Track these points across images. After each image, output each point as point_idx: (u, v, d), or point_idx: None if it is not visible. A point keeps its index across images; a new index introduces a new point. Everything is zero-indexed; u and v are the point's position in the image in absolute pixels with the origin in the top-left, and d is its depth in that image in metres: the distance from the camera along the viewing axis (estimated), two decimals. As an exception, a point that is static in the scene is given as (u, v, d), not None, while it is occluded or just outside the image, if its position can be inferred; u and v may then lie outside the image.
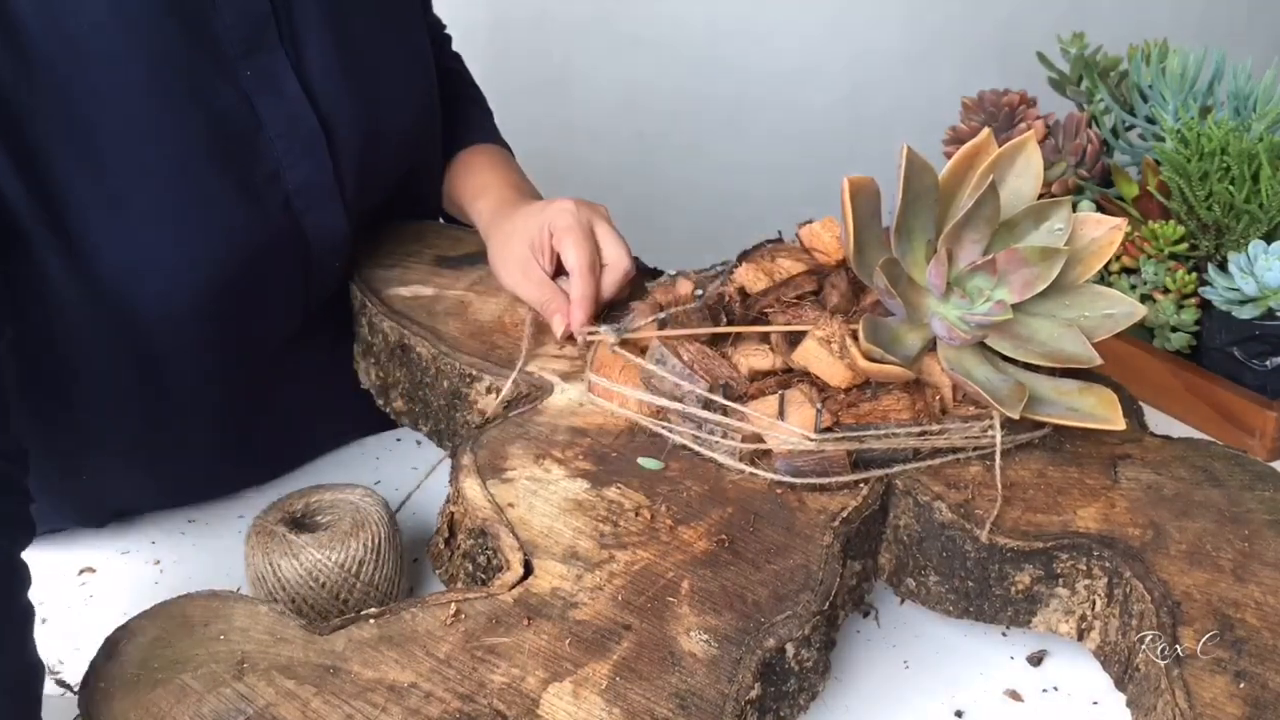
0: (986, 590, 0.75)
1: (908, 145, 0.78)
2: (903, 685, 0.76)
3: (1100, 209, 1.06)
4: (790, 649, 0.67)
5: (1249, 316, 0.97)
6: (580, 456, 0.80)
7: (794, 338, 0.81)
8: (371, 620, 0.68)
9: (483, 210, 1.01)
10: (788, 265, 0.88)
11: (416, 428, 0.94)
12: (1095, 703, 0.75)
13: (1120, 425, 0.78)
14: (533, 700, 0.63)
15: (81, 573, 0.86)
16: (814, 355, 0.79)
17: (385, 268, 0.99)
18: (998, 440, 0.78)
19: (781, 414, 0.77)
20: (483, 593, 0.69)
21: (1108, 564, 0.73)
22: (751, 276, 0.88)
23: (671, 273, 0.94)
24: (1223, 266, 1.00)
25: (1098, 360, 0.79)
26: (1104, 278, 1.04)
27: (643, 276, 0.97)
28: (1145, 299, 1.04)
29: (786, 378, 0.81)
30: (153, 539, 0.89)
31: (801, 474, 0.76)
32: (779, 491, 0.77)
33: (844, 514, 0.75)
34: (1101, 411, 0.79)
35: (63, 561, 0.87)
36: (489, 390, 0.87)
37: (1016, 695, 0.76)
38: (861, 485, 0.77)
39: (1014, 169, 0.82)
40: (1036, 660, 0.78)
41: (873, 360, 0.77)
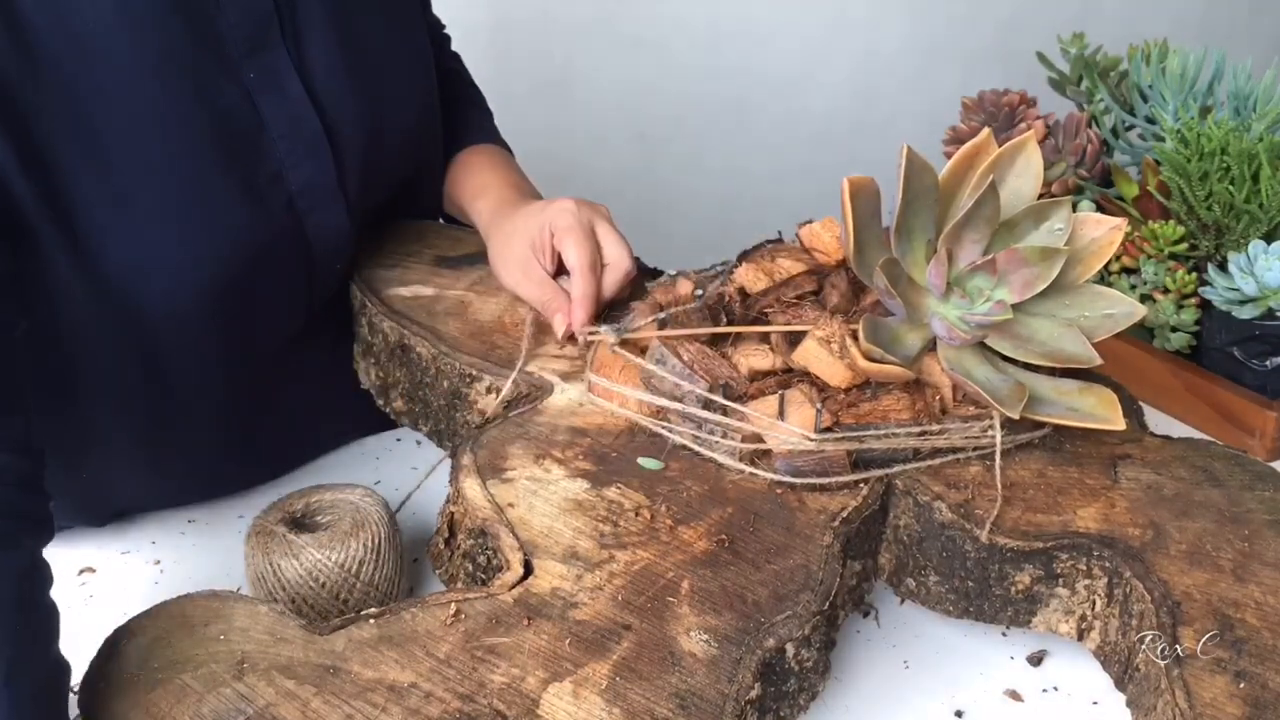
0: (986, 590, 0.75)
1: (908, 145, 0.78)
2: (903, 685, 0.76)
3: (1100, 209, 1.06)
4: (790, 649, 0.67)
5: (1249, 316, 0.97)
6: (580, 456, 0.80)
7: (794, 338, 0.81)
8: (371, 620, 0.68)
9: (483, 210, 1.01)
10: (788, 265, 0.88)
11: (416, 428, 0.94)
12: (1095, 703, 0.75)
13: (1120, 425, 0.78)
14: (533, 700, 0.63)
15: (81, 573, 0.86)
16: (814, 355, 0.79)
17: (385, 268, 0.99)
18: (998, 440, 0.78)
19: (781, 414, 0.77)
20: (483, 593, 0.69)
21: (1108, 564, 0.73)
22: (751, 276, 0.88)
23: (671, 273, 0.94)
24: (1223, 266, 1.00)
25: (1098, 360, 0.79)
26: (1104, 278, 1.04)
27: (643, 276, 0.97)
28: (1145, 299, 1.04)
29: (786, 378, 0.81)
30: (153, 539, 0.89)
31: (801, 474, 0.76)
32: (779, 491, 0.77)
33: (844, 514, 0.75)
34: (1101, 411, 0.79)
35: (63, 561, 0.86)
36: (489, 390, 0.87)
37: (1016, 695, 0.76)
38: (861, 485, 0.77)
39: (1014, 169, 0.82)
40: (1036, 660, 0.78)
41: (873, 360, 0.77)
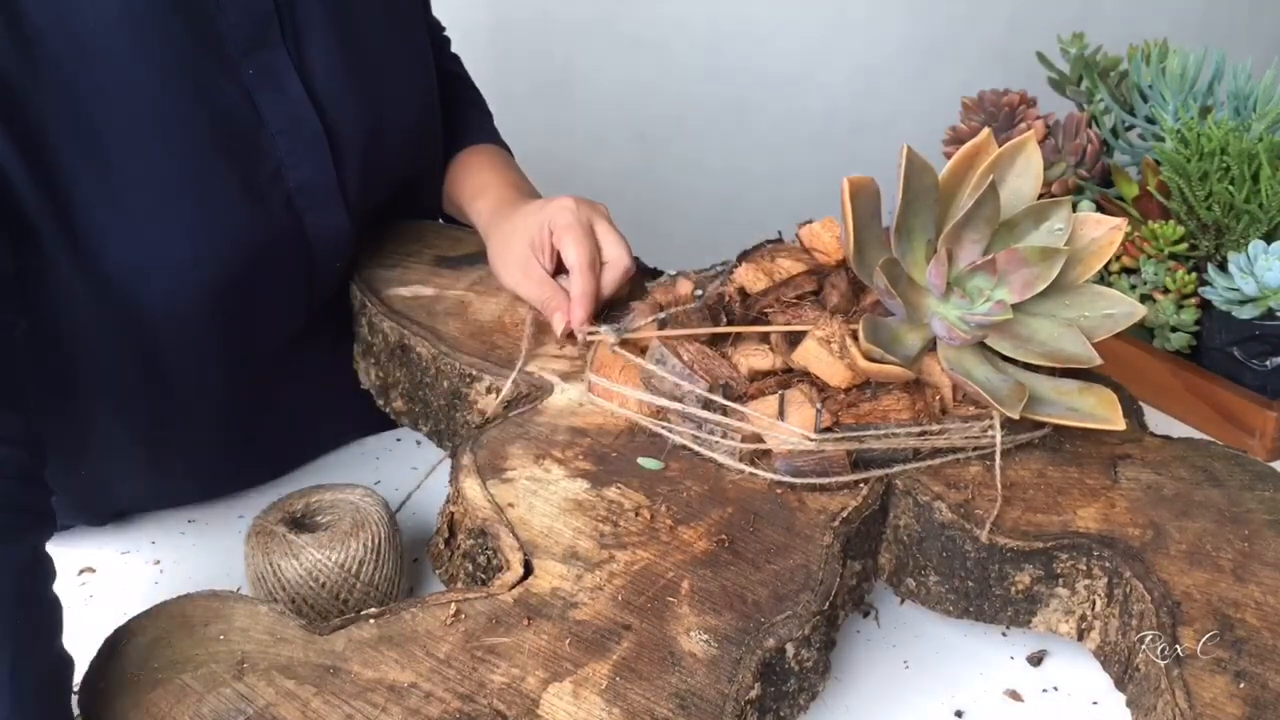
0: (986, 590, 0.75)
1: (908, 145, 0.78)
2: (903, 685, 0.76)
3: (1100, 209, 1.06)
4: (790, 649, 0.67)
5: (1249, 316, 0.97)
6: (580, 456, 0.80)
7: (794, 338, 0.81)
8: (371, 620, 0.68)
9: (482, 210, 1.01)
10: (788, 265, 0.88)
11: (416, 428, 0.94)
12: (1095, 703, 0.75)
13: (1120, 425, 0.78)
14: (533, 700, 0.63)
15: (81, 573, 0.86)
16: (814, 355, 0.79)
17: (385, 268, 0.99)
18: (998, 440, 0.78)
19: (781, 414, 0.77)
20: (483, 593, 0.69)
21: (1108, 564, 0.73)
22: (751, 276, 0.88)
23: (671, 273, 0.94)
24: (1222, 266, 1.00)
25: (1097, 360, 0.79)
26: (1104, 278, 1.04)
27: (643, 276, 0.97)
28: (1145, 299, 1.04)
29: (786, 378, 0.81)
30: (153, 539, 0.89)
31: (801, 474, 0.76)
32: (779, 491, 0.77)
33: (844, 514, 0.75)
34: (1101, 411, 0.79)
35: (63, 561, 0.86)
36: (489, 390, 0.87)
37: (1016, 695, 0.76)
38: (861, 485, 0.77)
39: (1014, 169, 0.82)
40: (1036, 660, 0.78)
41: (873, 360, 0.77)
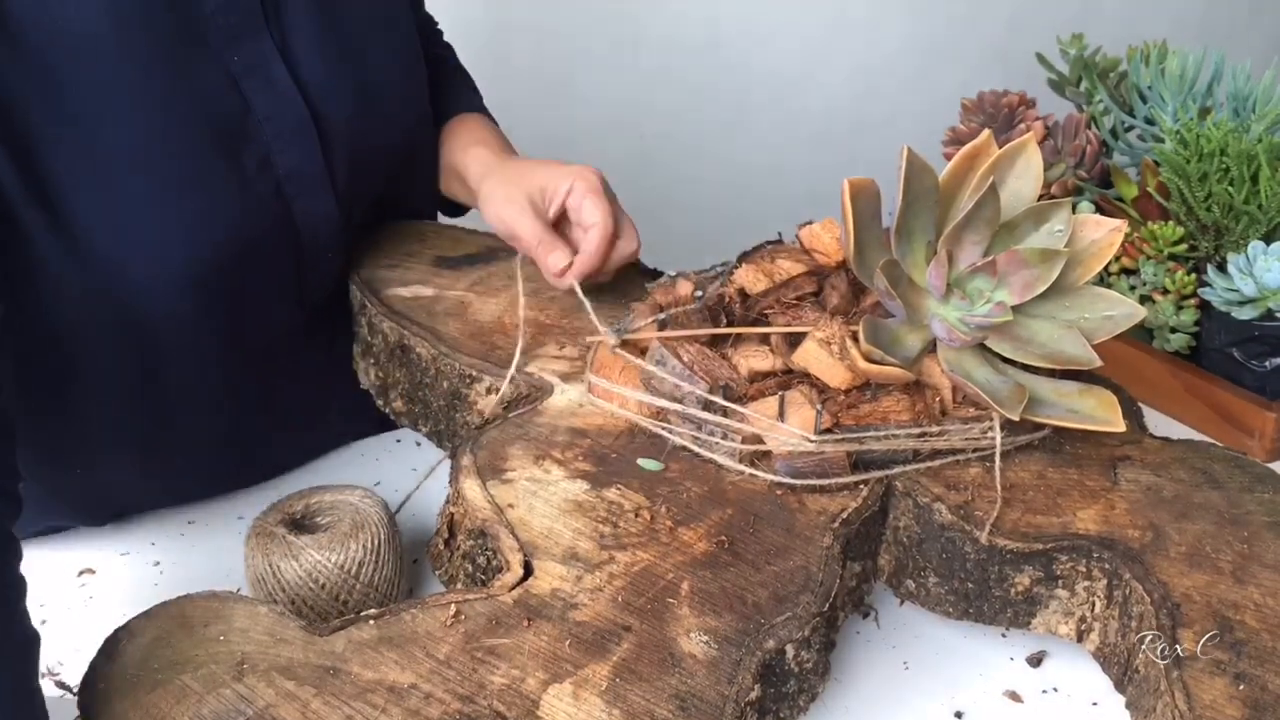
0: (986, 592, 0.75)
1: (908, 147, 0.78)
2: (903, 686, 0.77)
3: (1100, 210, 1.06)
4: (790, 650, 0.67)
5: (1248, 317, 0.97)
6: (580, 457, 0.80)
7: (794, 339, 0.81)
8: (371, 621, 0.68)
9: (477, 158, 1.01)
10: (788, 266, 0.89)
11: (416, 428, 0.94)
12: (1095, 704, 0.75)
13: (1120, 427, 0.78)
14: (533, 701, 0.63)
15: (81, 573, 0.86)
16: (814, 356, 0.79)
17: (385, 268, 0.99)
18: (997, 442, 0.78)
19: (781, 415, 0.77)
20: (483, 594, 0.69)
21: (1107, 565, 0.73)
22: (751, 277, 0.88)
23: (671, 273, 0.94)
24: (1222, 267, 1.00)
25: (1097, 362, 0.79)
26: (1103, 279, 1.04)
27: (643, 277, 0.97)
28: (1144, 300, 1.04)
29: (786, 379, 0.81)
30: (153, 539, 0.89)
31: (801, 475, 0.76)
32: (779, 493, 0.77)
33: (844, 515, 0.75)
34: (1101, 413, 0.79)
35: (63, 562, 0.87)
36: (489, 390, 0.87)
37: (1016, 696, 0.76)
38: (861, 487, 0.77)
39: (1014, 170, 0.82)
40: (1036, 661, 0.78)
41: (873, 361, 0.77)
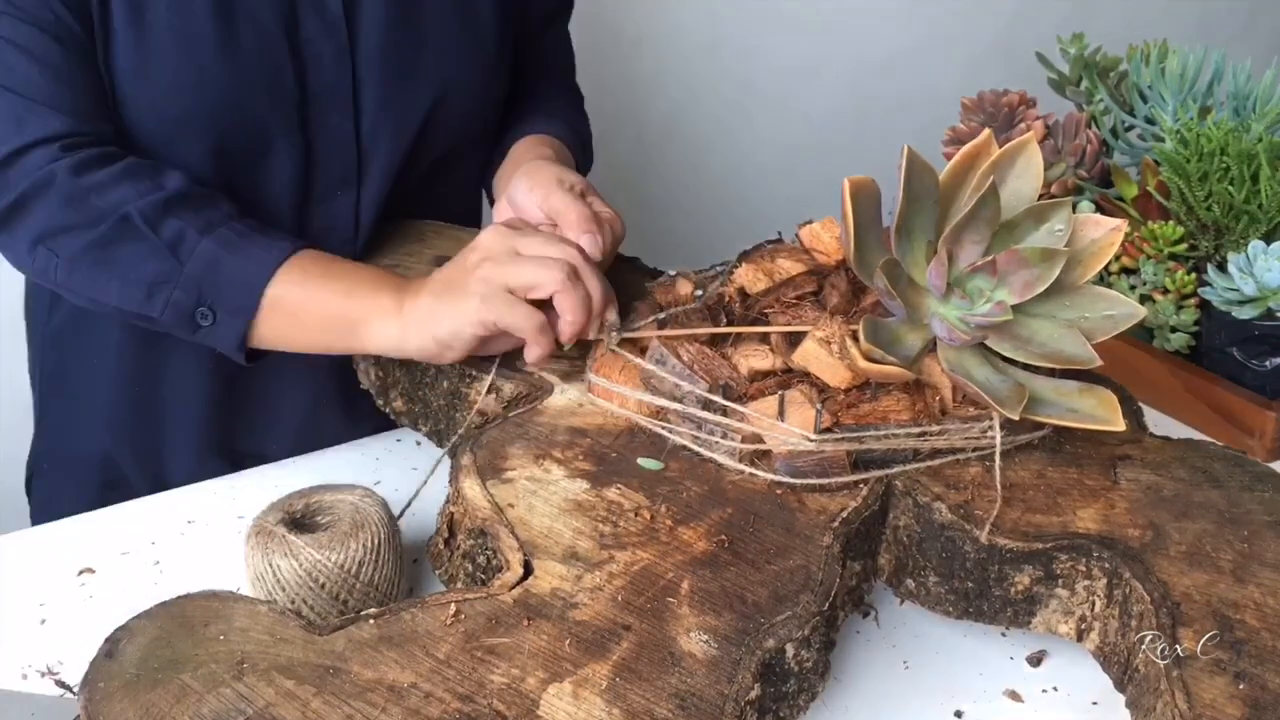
0: (986, 591, 0.75)
1: (909, 146, 0.78)
2: (903, 685, 0.77)
3: (1100, 209, 1.06)
4: (790, 650, 0.67)
5: (1248, 317, 0.97)
6: (580, 457, 0.80)
7: (794, 338, 0.81)
8: (371, 621, 0.68)
9: (505, 171, 1.04)
10: (788, 265, 0.89)
11: (416, 428, 0.94)
12: (1095, 703, 0.75)
13: (1120, 426, 0.78)
14: (533, 701, 0.63)
15: (81, 573, 0.86)
16: (814, 356, 0.79)
17: (385, 267, 0.99)
18: (997, 441, 0.78)
19: (781, 414, 0.77)
20: (482, 593, 0.69)
21: (1107, 565, 0.73)
22: (751, 277, 0.88)
23: (671, 273, 0.94)
24: (1222, 267, 1.00)
25: (1098, 361, 0.79)
26: (1103, 278, 1.04)
27: (643, 277, 0.97)
28: (1145, 299, 1.04)
29: (786, 378, 0.81)
30: (153, 539, 0.89)
31: (801, 474, 0.76)
32: (779, 492, 0.77)
33: (844, 515, 0.75)
34: (1101, 412, 0.79)
35: (63, 562, 0.87)
36: (489, 390, 0.87)
37: (1016, 695, 0.76)
38: (861, 486, 0.77)
39: (1014, 170, 0.82)
40: (1036, 660, 0.78)
41: (873, 361, 0.77)
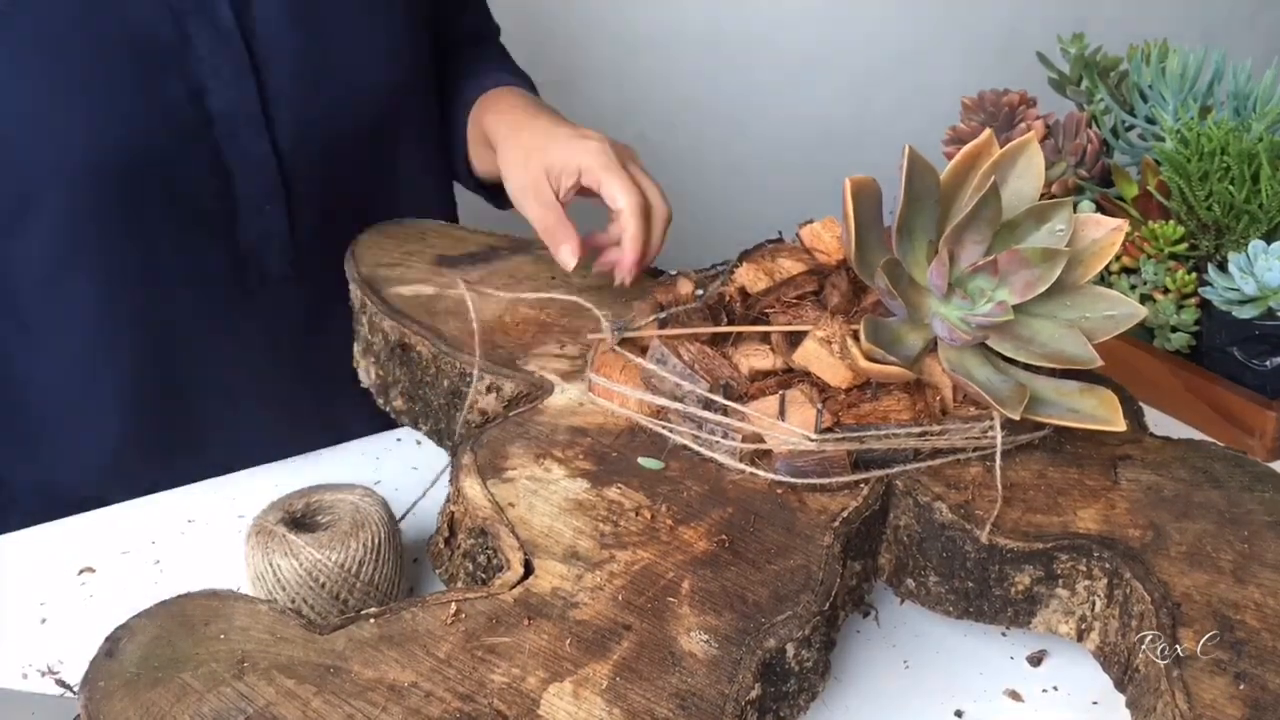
0: (986, 591, 0.75)
1: (910, 146, 0.78)
2: (903, 685, 0.77)
3: (1100, 209, 1.06)
4: (790, 649, 0.67)
5: (1249, 316, 0.97)
6: (580, 456, 0.79)
7: (795, 338, 0.81)
8: (371, 620, 0.68)
9: (496, 121, 0.98)
10: (788, 265, 0.89)
11: (416, 427, 0.94)
12: (1095, 703, 0.75)
13: (1121, 426, 0.78)
14: (533, 700, 0.63)
15: (81, 573, 0.86)
16: (815, 355, 0.79)
17: (385, 267, 0.99)
18: (998, 441, 0.78)
19: (782, 414, 0.77)
20: (483, 592, 0.69)
21: (1108, 565, 0.73)
22: (752, 276, 0.88)
23: (672, 272, 0.94)
24: (1222, 266, 1.00)
25: (1099, 362, 0.79)
26: (1104, 278, 1.04)
27: (643, 276, 0.97)
28: (1145, 299, 1.04)
29: (787, 378, 0.81)
30: (153, 539, 0.89)
31: (802, 474, 0.76)
32: (779, 492, 0.77)
33: (844, 514, 0.75)
34: (1102, 413, 0.79)
35: (63, 562, 0.87)
36: (489, 389, 0.87)
37: (1016, 695, 0.76)
38: (862, 486, 0.77)
39: (1015, 170, 0.82)
40: (1036, 660, 0.78)
41: (873, 360, 0.77)
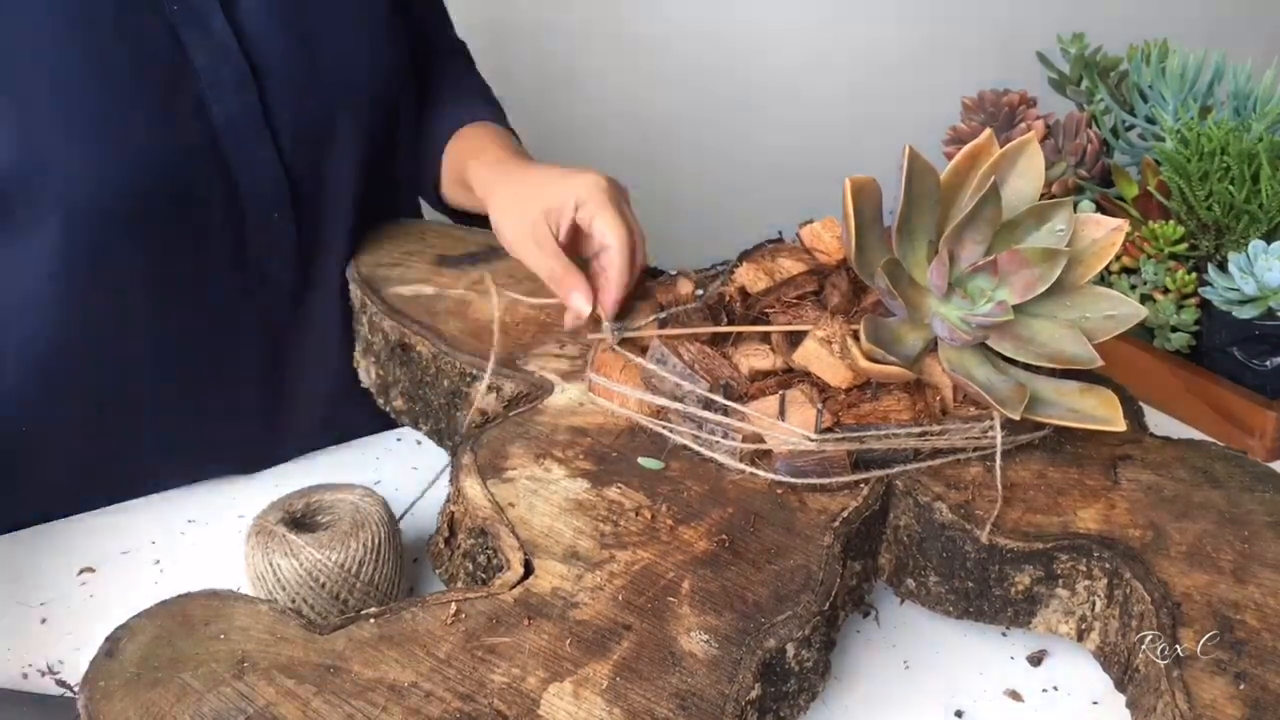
0: (986, 591, 0.75)
1: (910, 146, 0.78)
2: (903, 685, 0.77)
3: (1100, 209, 1.06)
4: (790, 649, 0.67)
5: (1249, 316, 0.97)
6: (580, 456, 0.79)
7: (795, 338, 0.81)
8: (372, 620, 0.68)
9: (481, 167, 0.98)
10: (788, 265, 0.89)
11: (416, 427, 0.94)
12: (1095, 703, 0.75)
13: (1121, 426, 0.78)
14: (533, 700, 0.63)
15: (81, 572, 0.86)
16: (815, 355, 0.79)
17: (386, 267, 0.99)
18: (998, 441, 0.78)
19: (782, 414, 0.77)
20: (483, 592, 0.69)
21: (1108, 565, 0.73)
22: (752, 276, 0.88)
23: (672, 272, 0.94)
24: (1222, 266, 1.00)
25: (1099, 362, 0.79)
26: (1104, 278, 1.04)
27: (644, 276, 0.97)
28: (1145, 299, 1.04)
29: (787, 378, 0.81)
30: (153, 539, 0.89)
31: (802, 474, 0.76)
32: (779, 492, 0.77)
33: (844, 514, 0.75)
34: (1102, 413, 0.79)
35: (63, 561, 0.87)
36: (489, 389, 0.87)
37: (1016, 695, 0.76)
38: (862, 485, 0.77)
39: (1015, 169, 0.82)
40: (1036, 660, 0.78)
41: (874, 360, 0.77)
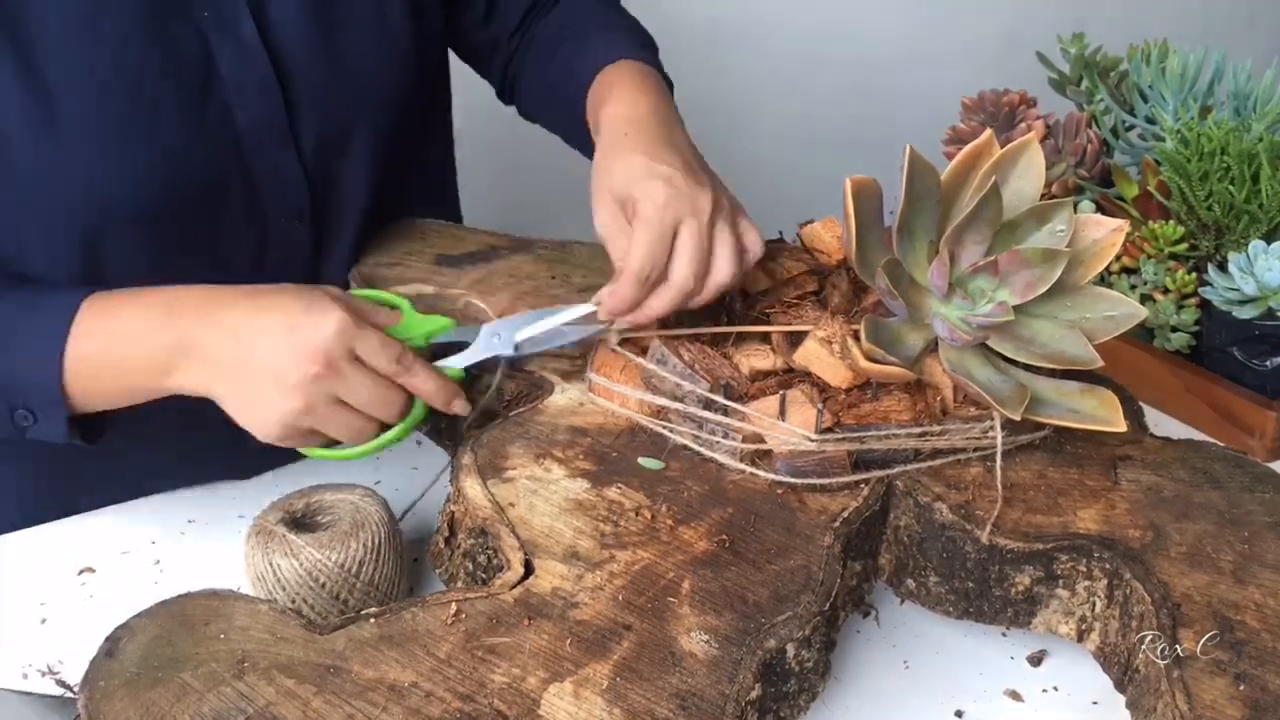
0: (986, 591, 0.75)
1: (911, 146, 0.78)
2: (903, 685, 0.77)
3: (1100, 209, 1.06)
4: (790, 649, 0.67)
5: (1249, 316, 0.97)
6: (581, 456, 0.79)
7: (795, 338, 0.81)
8: (372, 620, 0.68)
9: (602, 120, 0.91)
10: (789, 265, 0.89)
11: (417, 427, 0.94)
12: (1095, 703, 0.75)
13: (1121, 427, 0.78)
14: (533, 700, 0.63)
15: (81, 573, 0.86)
16: (815, 355, 0.79)
17: (386, 266, 0.99)
18: (998, 441, 0.78)
19: (782, 414, 0.77)
20: (483, 592, 0.69)
21: (1108, 565, 0.73)
22: (752, 276, 0.88)
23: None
24: (1223, 266, 1.00)
25: (1099, 362, 0.79)
26: (1104, 278, 1.04)
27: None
28: (1145, 299, 1.04)
29: (787, 378, 0.81)
30: (153, 539, 0.89)
31: (802, 474, 0.76)
32: (779, 492, 0.77)
33: (844, 514, 0.75)
34: (1102, 413, 0.79)
35: (63, 561, 0.87)
36: (490, 389, 0.87)
37: (1016, 695, 0.76)
38: (862, 486, 0.77)
39: (1016, 170, 0.82)
40: (1036, 660, 0.78)
41: (874, 361, 0.77)
